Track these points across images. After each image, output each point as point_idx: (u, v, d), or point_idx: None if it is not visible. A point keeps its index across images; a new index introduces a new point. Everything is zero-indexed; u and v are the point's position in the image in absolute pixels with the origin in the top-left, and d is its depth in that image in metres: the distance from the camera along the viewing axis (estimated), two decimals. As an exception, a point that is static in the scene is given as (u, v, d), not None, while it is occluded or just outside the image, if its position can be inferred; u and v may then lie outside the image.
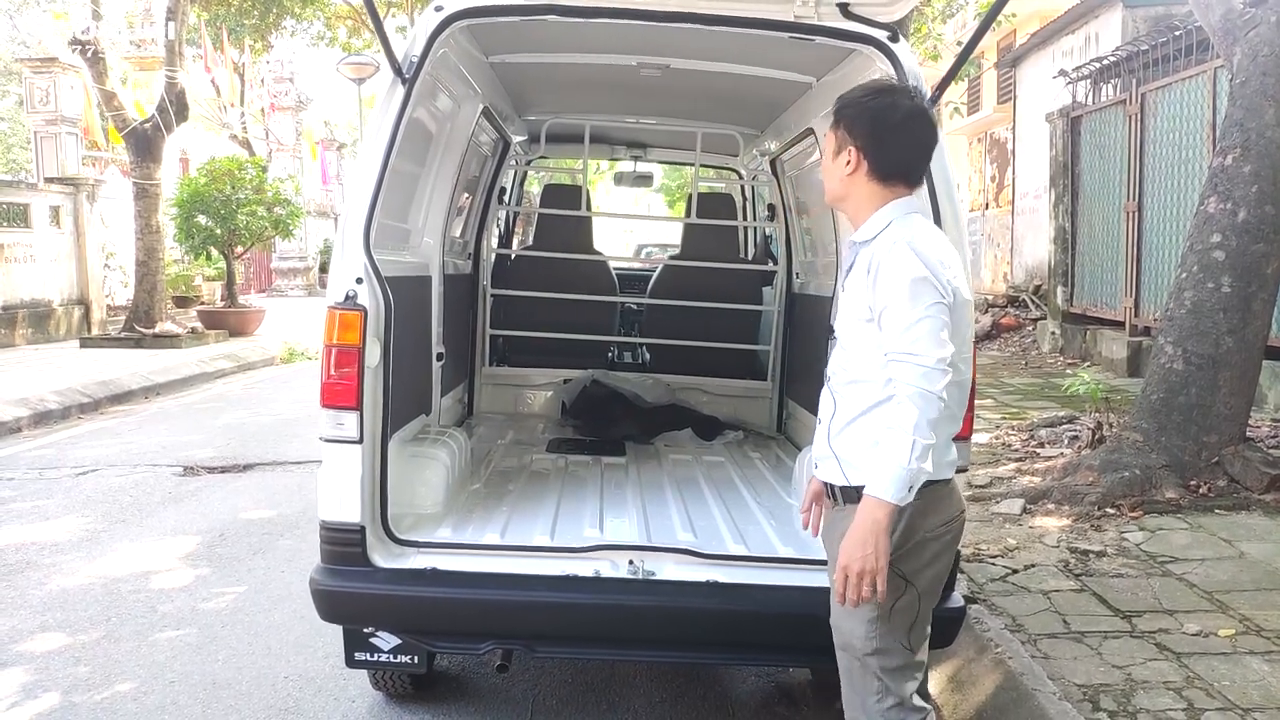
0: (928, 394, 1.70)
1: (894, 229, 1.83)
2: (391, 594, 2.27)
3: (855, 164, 1.87)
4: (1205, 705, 2.63)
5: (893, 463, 1.71)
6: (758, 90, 3.51)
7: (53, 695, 2.90)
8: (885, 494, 1.72)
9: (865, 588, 1.75)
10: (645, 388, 4.28)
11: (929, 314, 1.73)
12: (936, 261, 1.76)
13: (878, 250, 1.81)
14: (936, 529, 1.87)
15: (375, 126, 2.42)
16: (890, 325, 1.75)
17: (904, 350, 1.73)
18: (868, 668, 1.87)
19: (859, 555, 1.73)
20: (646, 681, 3.09)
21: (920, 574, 1.87)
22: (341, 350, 2.27)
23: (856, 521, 1.75)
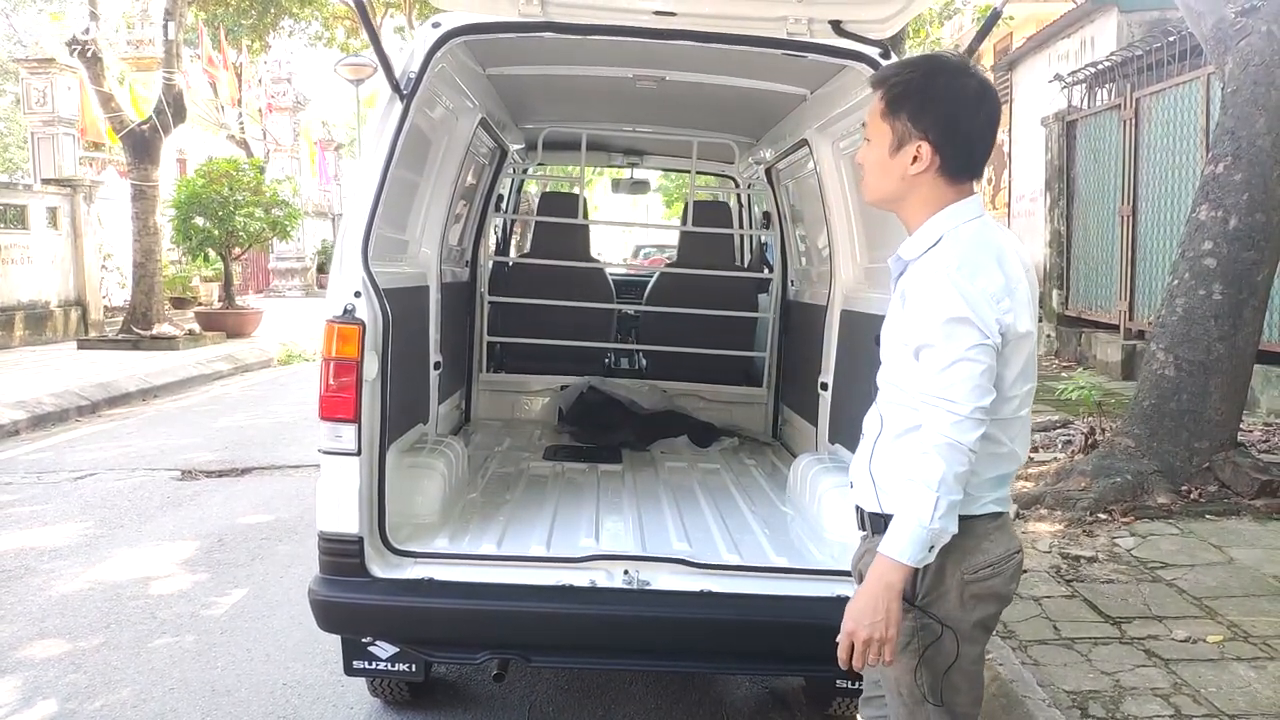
0: (957, 446, 1.54)
1: (943, 248, 1.62)
2: (389, 604, 2.30)
3: (926, 162, 1.62)
4: (1192, 712, 2.66)
5: (912, 521, 1.55)
6: (753, 101, 3.54)
7: (51, 703, 2.92)
8: (901, 555, 1.55)
9: (872, 656, 1.59)
10: (641, 394, 4.31)
11: (967, 356, 1.54)
12: (983, 296, 1.56)
13: (918, 275, 1.63)
14: (978, 571, 1.66)
15: (373, 141, 2.44)
16: (925, 365, 1.59)
17: (938, 395, 1.56)
18: (917, 715, 1.72)
19: (867, 622, 1.57)
20: (642, 688, 3.12)
21: (959, 620, 1.66)
22: (339, 363, 2.29)
23: (867, 582, 1.61)
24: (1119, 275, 8.78)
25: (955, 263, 1.60)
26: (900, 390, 1.69)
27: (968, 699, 1.76)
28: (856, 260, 3.29)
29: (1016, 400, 1.68)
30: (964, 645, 1.69)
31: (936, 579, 1.67)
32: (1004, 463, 1.70)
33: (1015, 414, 1.68)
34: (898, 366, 1.70)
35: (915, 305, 1.63)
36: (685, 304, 4.40)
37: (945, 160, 1.64)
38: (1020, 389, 1.68)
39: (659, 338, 4.54)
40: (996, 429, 1.65)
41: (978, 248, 1.63)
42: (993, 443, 1.65)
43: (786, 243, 4.35)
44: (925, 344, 1.60)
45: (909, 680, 1.71)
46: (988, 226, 1.70)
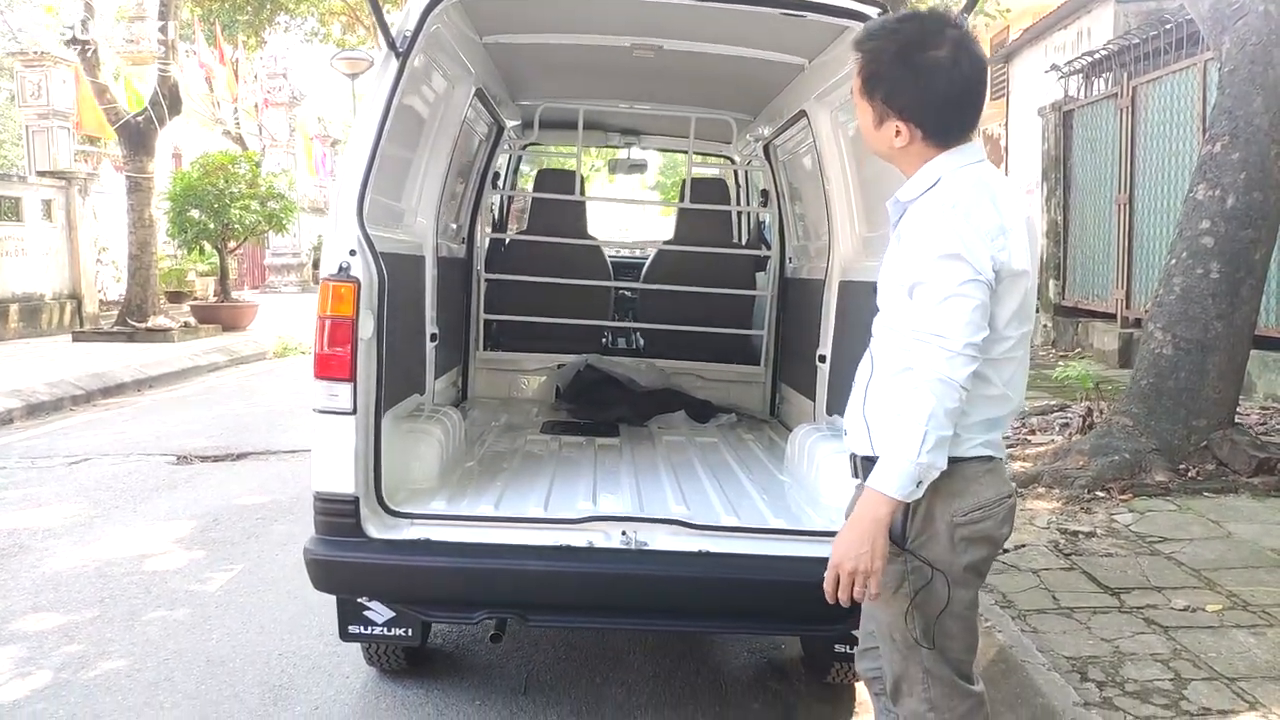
0: (948, 381, 1.53)
1: (941, 189, 1.63)
2: (385, 563, 2.28)
3: (908, 137, 1.66)
4: (1192, 675, 2.66)
5: (901, 455, 1.54)
6: (750, 73, 3.52)
7: (45, 673, 2.90)
8: (889, 489, 1.55)
9: (858, 589, 1.60)
10: (639, 372, 4.30)
11: (959, 292, 1.54)
12: (977, 233, 1.57)
13: (914, 215, 1.64)
14: (968, 514, 1.65)
15: (368, 100, 2.43)
16: (920, 301, 1.59)
17: (930, 331, 1.56)
18: (910, 660, 1.73)
19: (853, 554, 1.58)
20: (639, 657, 3.11)
21: (949, 563, 1.66)
22: (335, 322, 2.27)
23: (854, 515, 1.61)
24: (1116, 264, 8.79)
25: (951, 201, 1.61)
26: (894, 332, 1.69)
27: (961, 645, 1.77)
28: (855, 231, 3.28)
29: (1011, 341, 1.67)
30: (955, 589, 1.68)
31: (926, 522, 1.67)
32: (995, 405, 1.69)
33: (1009, 355, 1.68)
34: (893, 308, 1.70)
35: (910, 243, 1.63)
36: (683, 282, 4.38)
37: (927, 132, 1.66)
38: (1015, 330, 1.67)
39: (656, 316, 4.52)
40: (989, 369, 1.65)
41: (974, 188, 1.64)
42: (984, 383, 1.65)
43: (784, 220, 4.34)
44: (919, 281, 1.60)
45: (901, 625, 1.71)
46: (986, 170, 1.70)
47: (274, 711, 2.68)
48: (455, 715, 2.68)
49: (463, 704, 2.75)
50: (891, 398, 1.67)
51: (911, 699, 1.77)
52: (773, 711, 2.80)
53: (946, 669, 1.74)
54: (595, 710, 2.74)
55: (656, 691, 2.87)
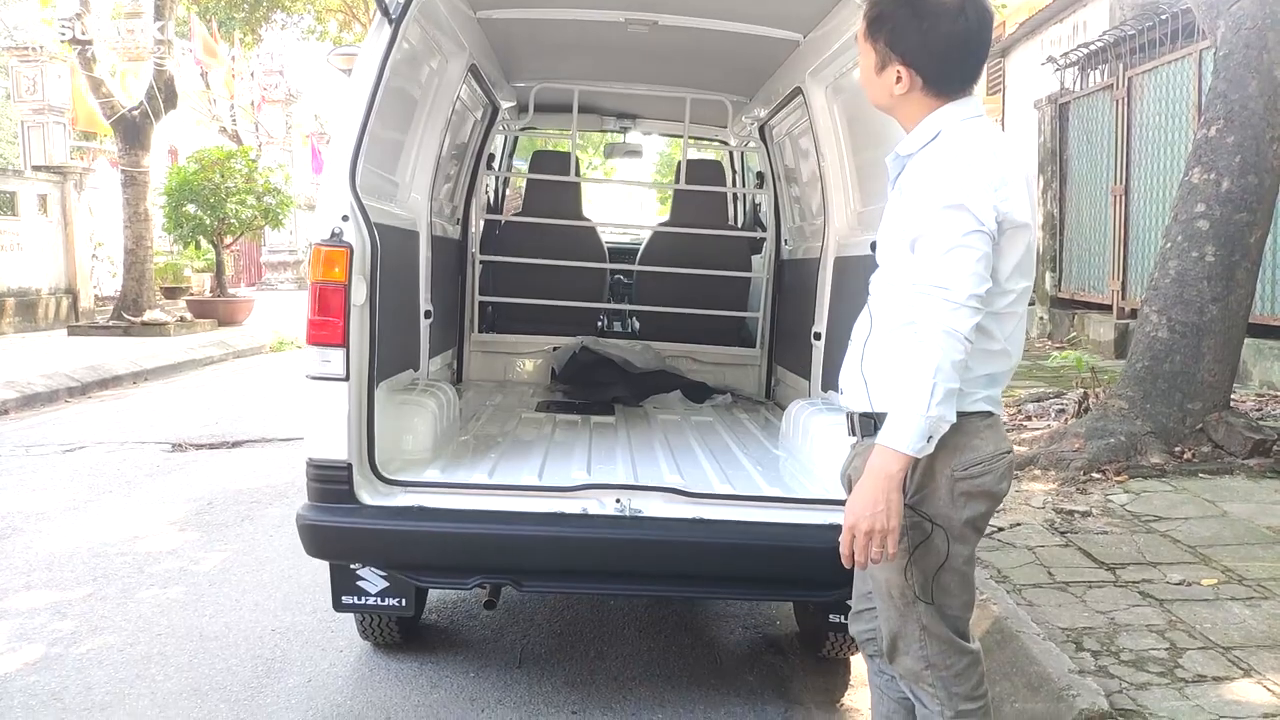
0: (953, 333, 1.52)
1: (941, 142, 1.62)
2: (378, 528, 2.27)
3: (908, 84, 1.65)
4: (1187, 645, 2.65)
5: (910, 410, 1.53)
6: (746, 50, 3.51)
7: (38, 647, 2.89)
8: (900, 444, 1.53)
9: (875, 549, 1.58)
10: (635, 353, 4.29)
11: (963, 243, 1.53)
12: (980, 184, 1.56)
13: (915, 168, 1.64)
14: (968, 468, 1.65)
15: (360, 65, 2.42)
16: (922, 253, 1.58)
17: (933, 282, 1.55)
18: (907, 616, 1.72)
19: (868, 514, 1.56)
20: (634, 632, 3.10)
21: (949, 518, 1.66)
22: (327, 287, 2.26)
23: (866, 475, 1.58)
24: (1112, 255, 8.79)
25: (952, 153, 1.61)
26: (894, 288, 1.68)
27: (958, 601, 1.76)
28: (850, 206, 3.28)
29: (1013, 295, 1.67)
30: (954, 544, 1.68)
31: (926, 477, 1.66)
32: (996, 360, 1.69)
33: (1010, 309, 1.67)
34: (893, 263, 1.69)
35: (912, 196, 1.63)
36: (678, 265, 4.38)
37: (928, 81, 1.65)
38: (1016, 284, 1.67)
39: (652, 299, 4.52)
40: (990, 323, 1.65)
41: (975, 140, 1.64)
42: (986, 337, 1.65)
43: (780, 202, 4.33)
44: (920, 233, 1.59)
45: (899, 581, 1.71)
46: (986, 124, 1.70)
47: (267, 684, 2.67)
48: (450, 687, 2.67)
49: (457, 676, 2.74)
50: (891, 354, 1.66)
51: (908, 657, 1.76)
52: (767, 684, 2.80)
53: (943, 626, 1.74)
54: (590, 683, 2.73)
55: (651, 664, 2.87)
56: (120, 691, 2.61)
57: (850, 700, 2.74)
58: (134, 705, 2.53)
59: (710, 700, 2.66)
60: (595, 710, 2.58)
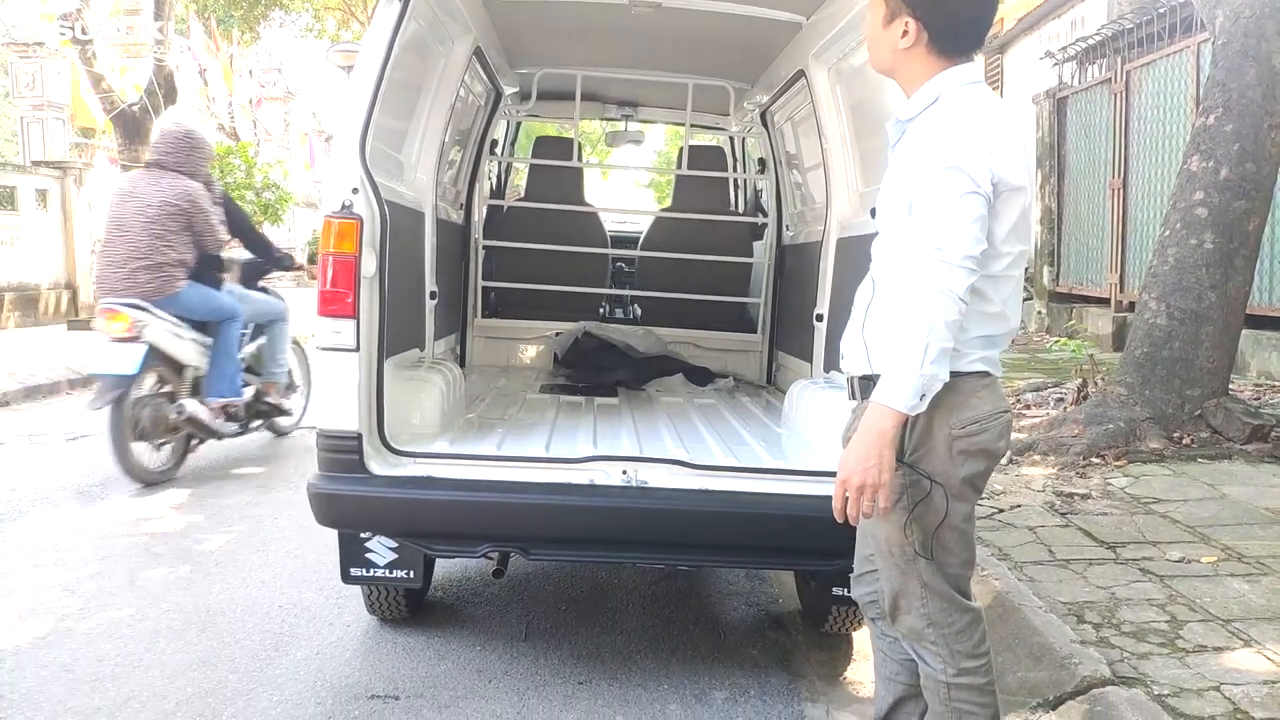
0: (948, 293, 1.54)
1: (940, 106, 1.64)
2: (388, 497, 2.29)
3: (914, 37, 1.66)
4: (1187, 618, 2.68)
5: (904, 368, 1.55)
6: (748, 34, 3.54)
7: (47, 621, 2.91)
8: (893, 401, 1.56)
9: (866, 503, 1.60)
10: (637, 338, 4.32)
11: (958, 205, 1.55)
12: (976, 147, 1.58)
13: (914, 133, 1.65)
14: (965, 426, 1.67)
15: (370, 40, 2.44)
16: (919, 214, 1.60)
17: (929, 243, 1.57)
18: (908, 573, 1.74)
19: (860, 469, 1.58)
20: (638, 608, 3.12)
21: (947, 475, 1.68)
22: (338, 259, 2.29)
23: (860, 431, 1.61)
24: (1110, 248, 8.83)
25: (950, 117, 1.63)
26: (893, 253, 1.70)
27: (958, 560, 1.78)
28: (853, 187, 3.30)
29: (1009, 258, 1.69)
30: (953, 501, 1.71)
31: (924, 435, 1.69)
32: (993, 323, 1.71)
33: (1006, 272, 1.70)
34: (892, 228, 1.71)
35: (910, 159, 1.65)
36: (680, 250, 4.40)
37: (933, 37, 1.66)
38: (1012, 247, 1.69)
39: (654, 284, 4.54)
40: (987, 286, 1.67)
41: (973, 105, 1.66)
42: (982, 300, 1.67)
43: (781, 187, 4.36)
44: (917, 195, 1.61)
45: (899, 538, 1.73)
46: (984, 90, 1.72)
47: (275, 657, 2.69)
48: (456, 659, 2.70)
49: (464, 649, 2.76)
50: (892, 319, 1.67)
51: (910, 615, 1.79)
52: (771, 657, 2.82)
53: (944, 584, 1.76)
54: (594, 655, 2.76)
55: (655, 639, 2.89)
56: (130, 663, 2.62)
57: (853, 674, 2.76)
58: (144, 676, 2.55)
59: (715, 673, 2.69)
60: (601, 681, 2.60)
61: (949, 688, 1.77)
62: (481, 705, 2.45)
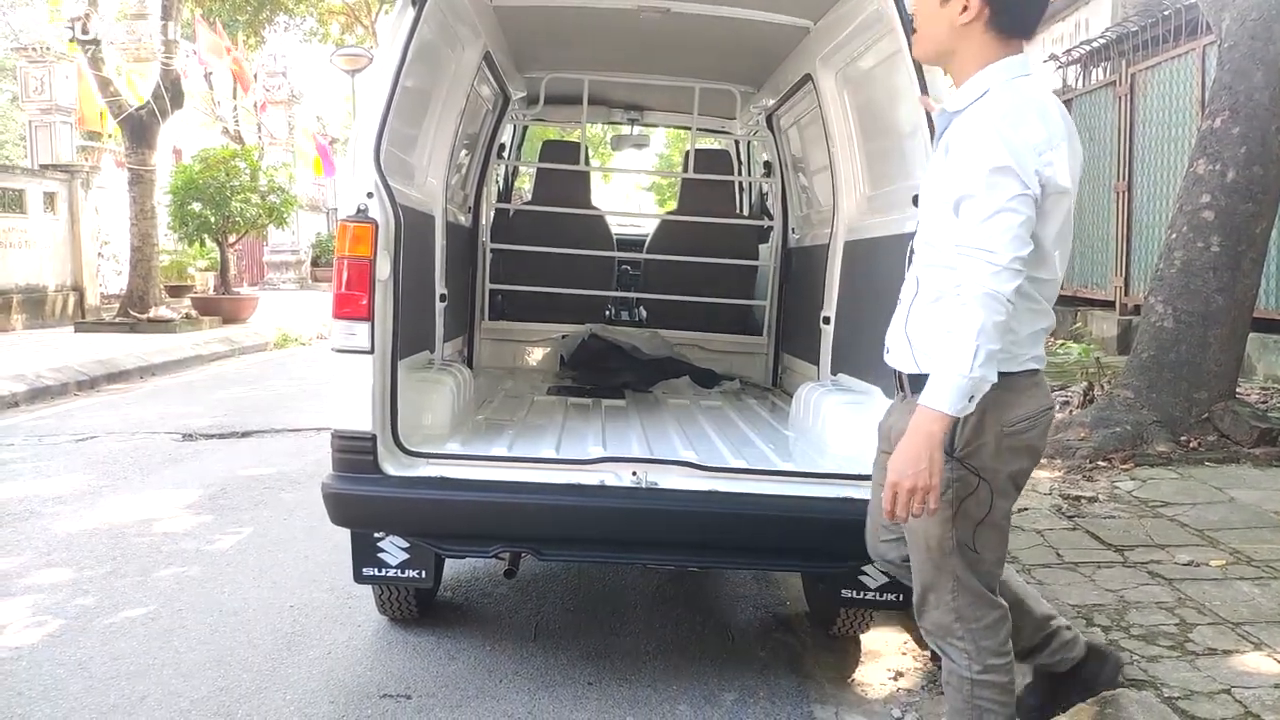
0: (996, 295, 1.54)
1: (990, 100, 1.62)
2: (402, 497, 2.31)
3: (975, 12, 1.63)
4: (1196, 621, 2.69)
5: (952, 371, 1.55)
6: (755, 38, 3.55)
7: (62, 620, 2.93)
8: (942, 405, 1.57)
9: (916, 505, 1.61)
10: (643, 340, 4.33)
11: (1008, 207, 1.54)
12: (1026, 147, 1.57)
13: (963, 126, 1.63)
14: (1016, 424, 1.70)
15: (384, 47, 2.46)
16: (966, 215, 1.59)
17: (976, 245, 1.56)
18: (942, 568, 1.76)
19: (910, 471, 1.59)
20: (646, 610, 3.14)
21: (994, 471, 1.71)
22: (353, 262, 2.31)
23: (909, 434, 1.62)
24: (1115, 251, 8.82)
25: (1000, 113, 1.61)
26: (938, 250, 1.70)
27: (993, 557, 1.81)
28: (859, 190, 3.31)
29: (1056, 258, 1.70)
30: (997, 498, 1.73)
31: (976, 431, 1.70)
32: (1041, 318, 1.73)
33: (1051, 274, 1.71)
34: (936, 224, 1.70)
35: (959, 156, 1.63)
36: (686, 253, 4.41)
37: (995, 13, 1.63)
38: (1057, 248, 1.69)
39: (659, 287, 4.56)
40: (1033, 286, 1.68)
41: (1023, 100, 1.64)
42: (1030, 299, 1.68)
43: (787, 190, 4.37)
44: (966, 195, 1.60)
45: (939, 533, 1.74)
46: (1035, 83, 1.71)
47: (287, 656, 2.71)
48: (467, 659, 2.71)
49: (474, 649, 2.78)
50: (935, 316, 1.69)
51: (938, 610, 1.80)
52: (779, 659, 2.83)
53: (975, 580, 1.78)
54: (604, 656, 2.77)
55: (664, 640, 2.90)
56: (145, 662, 2.65)
57: (861, 676, 2.77)
58: (159, 675, 2.57)
59: (724, 674, 2.70)
60: (611, 682, 2.61)
61: (973, 684, 1.78)
62: (493, 705, 2.46)
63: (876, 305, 2.83)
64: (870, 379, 2.76)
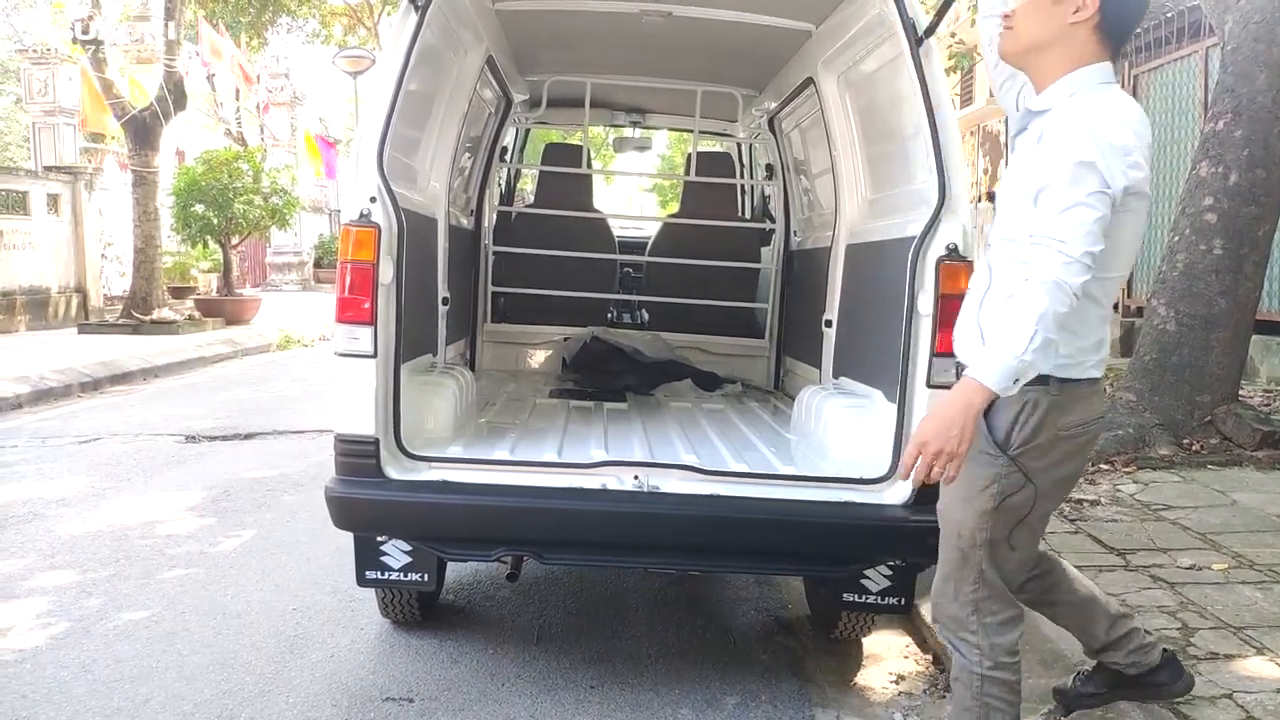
0: (1063, 285, 1.56)
1: (1078, 102, 1.65)
2: (405, 500, 2.32)
3: (1088, 14, 1.65)
4: (1199, 625, 2.69)
5: (1006, 349, 1.57)
6: (757, 42, 3.56)
7: (66, 622, 2.94)
8: (988, 380, 1.58)
9: (936, 470, 1.62)
10: (645, 343, 4.33)
11: (1085, 201, 1.57)
12: (1112, 148, 1.59)
13: (1052, 123, 1.65)
14: (1072, 428, 1.73)
15: (388, 51, 2.47)
16: (1044, 206, 1.61)
17: (1051, 235, 1.58)
18: (970, 560, 1.77)
19: (943, 434, 1.60)
20: (648, 614, 3.14)
21: (1043, 473, 1.74)
22: (356, 266, 2.31)
23: (948, 399, 1.63)
24: (1118, 253, 8.81)
25: (1092, 112, 1.64)
26: (1014, 243, 1.71)
27: (1021, 557, 1.83)
28: (861, 194, 3.32)
29: (1124, 262, 1.73)
30: (1040, 500, 1.76)
31: (1035, 431, 1.72)
32: (1103, 326, 1.76)
33: (1118, 277, 1.74)
34: (1014, 217, 1.72)
35: (1048, 148, 1.64)
36: (688, 256, 4.42)
37: (1105, 18, 1.67)
38: (1128, 252, 1.72)
39: (661, 290, 4.56)
40: (1099, 289, 1.70)
41: (1113, 105, 1.67)
42: (1095, 304, 1.71)
43: (789, 193, 4.38)
44: (1047, 185, 1.62)
45: (973, 524, 1.76)
46: (1119, 92, 1.75)
47: (290, 659, 2.72)
48: (469, 663, 2.72)
49: (476, 652, 2.78)
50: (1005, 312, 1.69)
51: (956, 603, 1.81)
52: (781, 663, 2.83)
53: (999, 577, 1.80)
54: (606, 659, 2.77)
55: (666, 644, 2.91)
56: (148, 665, 2.65)
57: (863, 679, 2.78)
58: (162, 678, 2.58)
59: (725, 678, 2.70)
60: (613, 685, 2.62)
61: (983, 680, 1.79)
62: (495, 709, 2.47)
63: (878, 309, 2.83)
64: (872, 383, 2.76)
